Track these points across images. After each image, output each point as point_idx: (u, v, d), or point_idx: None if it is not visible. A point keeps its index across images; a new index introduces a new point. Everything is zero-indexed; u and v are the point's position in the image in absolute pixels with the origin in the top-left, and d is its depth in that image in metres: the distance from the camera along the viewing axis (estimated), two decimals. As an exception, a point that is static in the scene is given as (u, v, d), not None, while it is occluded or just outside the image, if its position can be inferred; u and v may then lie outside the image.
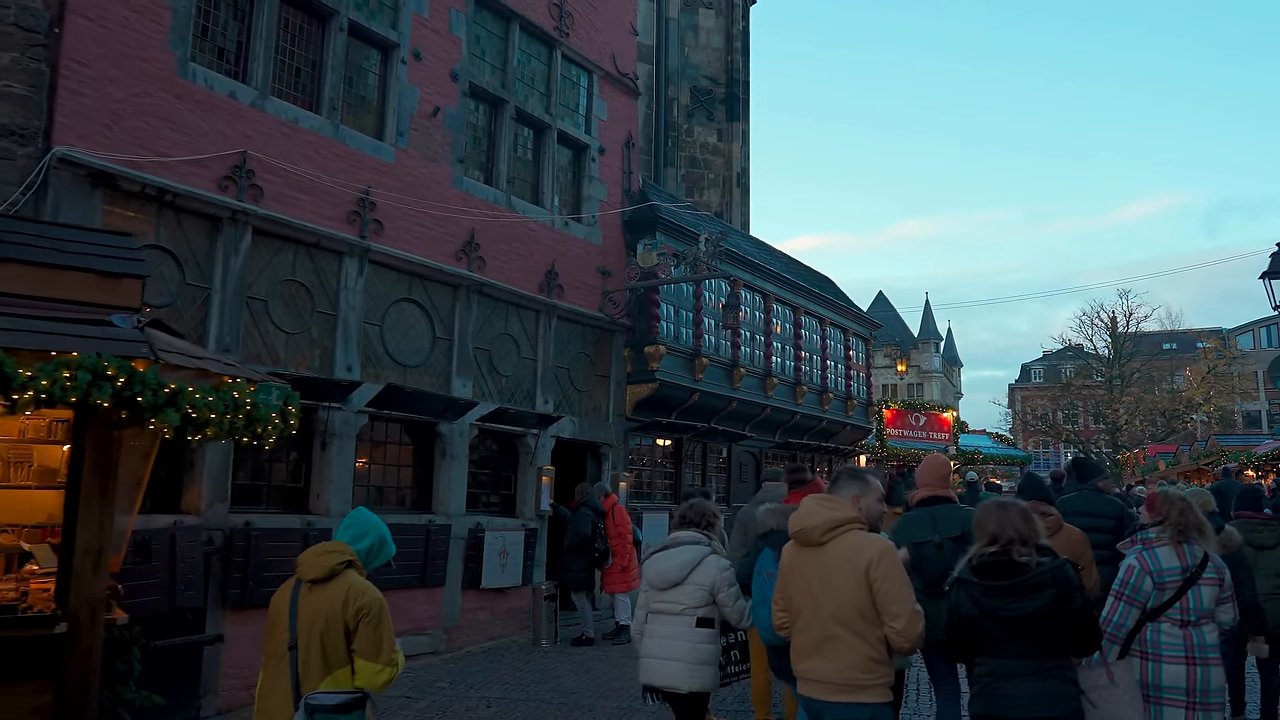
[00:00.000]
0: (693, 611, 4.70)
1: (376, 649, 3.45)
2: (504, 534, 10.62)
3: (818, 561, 3.69)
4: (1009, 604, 3.55)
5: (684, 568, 4.73)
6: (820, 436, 17.46)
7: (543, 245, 11.53)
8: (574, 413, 12.00)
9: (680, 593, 4.69)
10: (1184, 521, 4.51)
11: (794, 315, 16.50)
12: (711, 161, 19.85)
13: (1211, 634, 4.37)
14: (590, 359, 12.35)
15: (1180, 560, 4.41)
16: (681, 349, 13.16)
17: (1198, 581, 4.37)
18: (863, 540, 3.66)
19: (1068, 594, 3.54)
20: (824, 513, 3.74)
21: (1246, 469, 26.81)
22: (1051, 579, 3.56)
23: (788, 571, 3.86)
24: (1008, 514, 3.72)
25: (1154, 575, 4.40)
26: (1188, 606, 4.33)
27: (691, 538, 4.89)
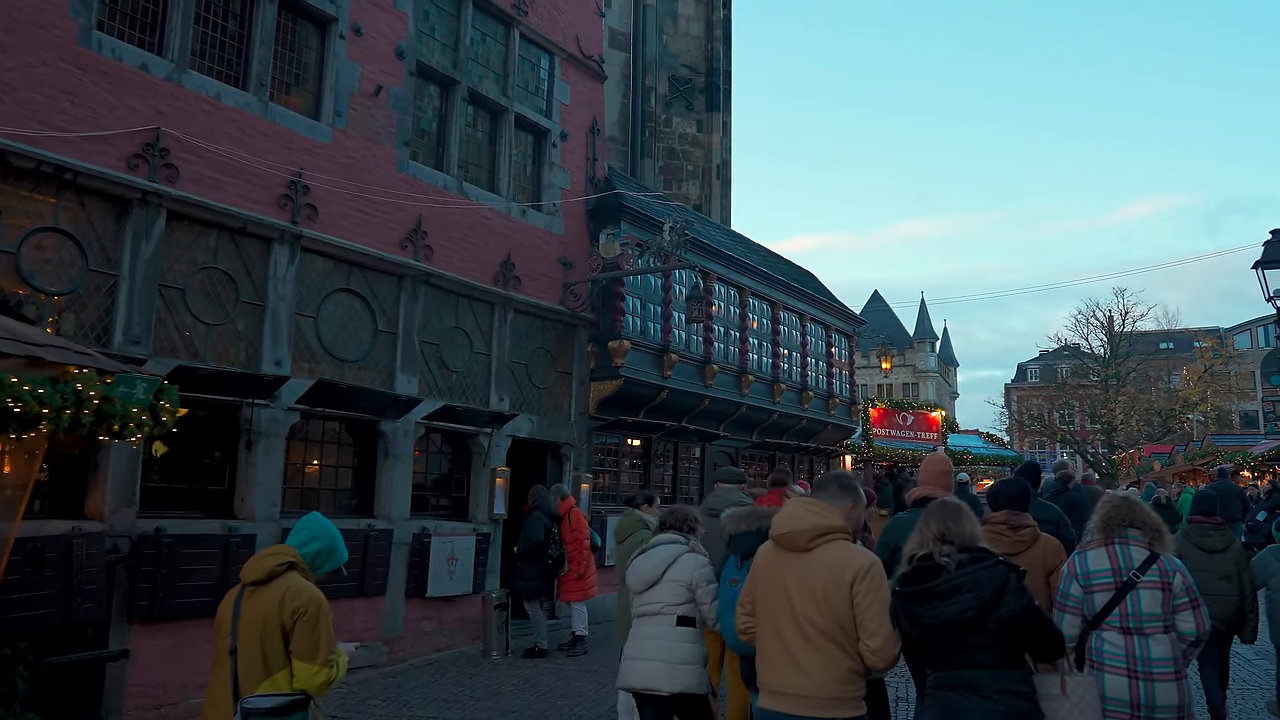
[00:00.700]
0: (672, 610, 4.59)
1: (313, 650, 3.39)
2: (453, 539, 10.03)
3: (798, 568, 3.49)
4: (927, 609, 3.32)
5: (660, 565, 4.65)
6: (800, 436, 16.87)
7: (498, 234, 10.94)
8: (532, 411, 11.41)
9: (658, 591, 4.61)
10: (1110, 519, 4.25)
11: (772, 310, 15.91)
12: (691, 153, 19.26)
13: (1160, 645, 4.02)
14: (550, 355, 11.76)
15: (1111, 562, 4.15)
16: (649, 344, 12.57)
17: (1137, 585, 4.06)
18: (849, 552, 3.48)
19: (994, 599, 3.24)
20: (812, 518, 3.54)
21: (1242, 469, 26.36)
22: (971, 581, 3.27)
23: (761, 574, 3.67)
24: (933, 513, 3.53)
25: (1080, 579, 4.19)
26: (1126, 612, 4.05)
27: (669, 539, 4.83)
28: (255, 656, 3.40)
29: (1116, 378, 44.75)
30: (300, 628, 3.39)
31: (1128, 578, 4.08)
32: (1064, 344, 48.64)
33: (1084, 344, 47.42)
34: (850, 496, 3.70)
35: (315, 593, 3.49)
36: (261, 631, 3.39)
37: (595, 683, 8.52)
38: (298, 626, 3.39)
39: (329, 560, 3.69)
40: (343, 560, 3.79)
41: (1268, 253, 9.52)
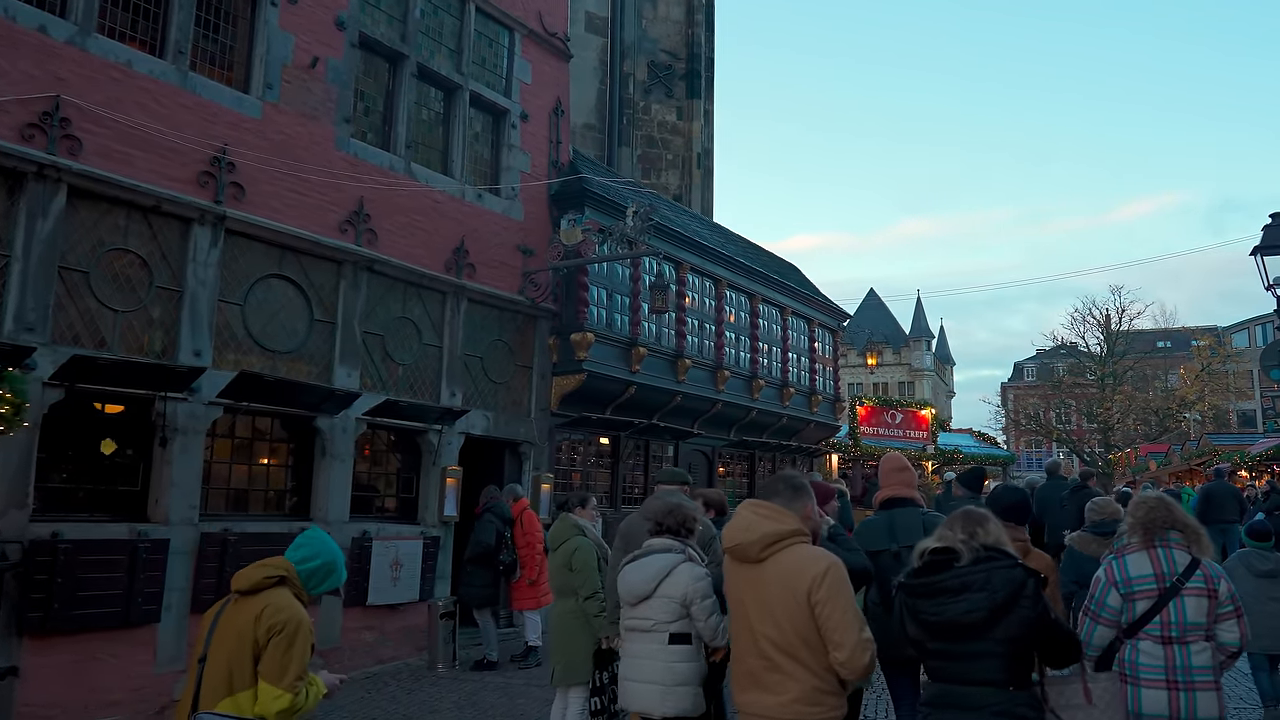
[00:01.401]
0: (664, 627, 4.19)
1: (281, 672, 3.17)
2: (397, 543, 9.40)
3: (754, 580, 3.25)
4: (932, 605, 3.03)
5: (652, 579, 4.23)
6: (782, 434, 16.24)
7: (450, 219, 10.30)
8: (488, 407, 10.77)
9: (650, 607, 4.23)
10: (1151, 521, 3.96)
11: (750, 303, 15.27)
12: (670, 141, 18.63)
13: (1201, 654, 3.77)
14: (509, 347, 11.12)
15: (1154, 567, 3.87)
16: (616, 337, 11.94)
17: (1180, 591, 3.80)
18: (805, 556, 3.19)
19: (1006, 603, 2.92)
20: (762, 525, 3.26)
21: (1240, 469, 25.76)
22: (985, 580, 2.97)
23: (727, 585, 3.48)
24: (959, 518, 3.21)
25: (1120, 586, 3.90)
26: (1168, 620, 3.78)
27: (664, 545, 4.38)
28: (221, 670, 3.21)
29: (1113, 376, 44.29)
30: (272, 646, 3.18)
31: (1171, 584, 3.80)
32: (1061, 342, 48.09)
33: (1081, 343, 46.94)
34: (804, 497, 3.41)
35: (298, 612, 3.28)
36: (233, 645, 3.22)
37: (543, 699, 7.86)
38: (271, 643, 3.19)
39: (327, 580, 3.51)
40: (341, 581, 3.59)
41: (1267, 238, 8.90)
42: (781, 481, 3.50)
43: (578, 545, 6.12)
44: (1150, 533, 3.95)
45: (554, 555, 6.35)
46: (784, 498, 3.38)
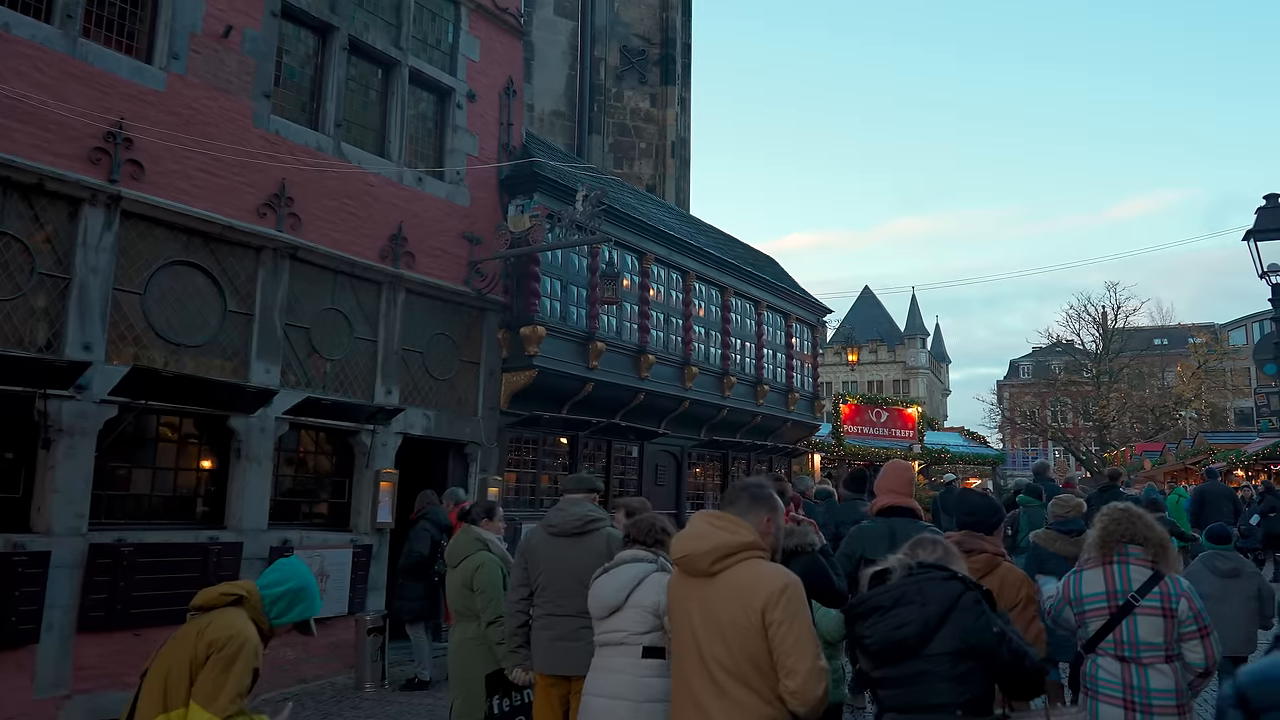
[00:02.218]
0: (636, 639, 3.90)
1: (214, 693, 2.90)
2: (324, 552, 8.71)
3: (704, 596, 2.96)
4: (867, 626, 2.87)
5: (623, 588, 3.98)
6: (757, 434, 15.54)
7: (386, 204, 9.61)
8: (429, 405, 10.07)
9: (621, 618, 3.96)
10: (1109, 534, 3.78)
11: (722, 296, 14.58)
12: (643, 129, 17.93)
13: (1161, 677, 3.61)
14: (453, 341, 10.42)
15: (1106, 583, 3.73)
16: (571, 331, 11.24)
17: (1134, 609, 3.64)
18: (761, 573, 2.89)
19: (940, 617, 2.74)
20: (716, 536, 2.97)
21: (1236, 469, 25.11)
22: (916, 592, 2.82)
23: (672, 604, 3.17)
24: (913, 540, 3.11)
25: (1073, 605, 3.79)
26: (1121, 639, 3.65)
27: (635, 556, 4.13)
28: (157, 686, 2.97)
29: (1109, 374, 43.75)
30: (210, 664, 2.93)
31: (1124, 601, 3.66)
32: (1056, 340, 47.52)
33: (1076, 340, 46.39)
34: (765, 508, 3.09)
35: (243, 632, 3.02)
36: (173, 661, 2.99)
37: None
38: (209, 662, 2.94)
39: (296, 608, 3.25)
40: (314, 611, 3.34)
41: (1261, 221, 8.22)
42: (744, 491, 3.17)
43: (481, 562, 5.46)
44: (1107, 547, 3.77)
45: (453, 573, 5.62)
46: (740, 506, 3.08)
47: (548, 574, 4.85)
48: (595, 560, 4.80)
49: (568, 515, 4.96)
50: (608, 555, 4.79)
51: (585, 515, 4.94)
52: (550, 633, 4.80)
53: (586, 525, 4.90)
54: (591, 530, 4.88)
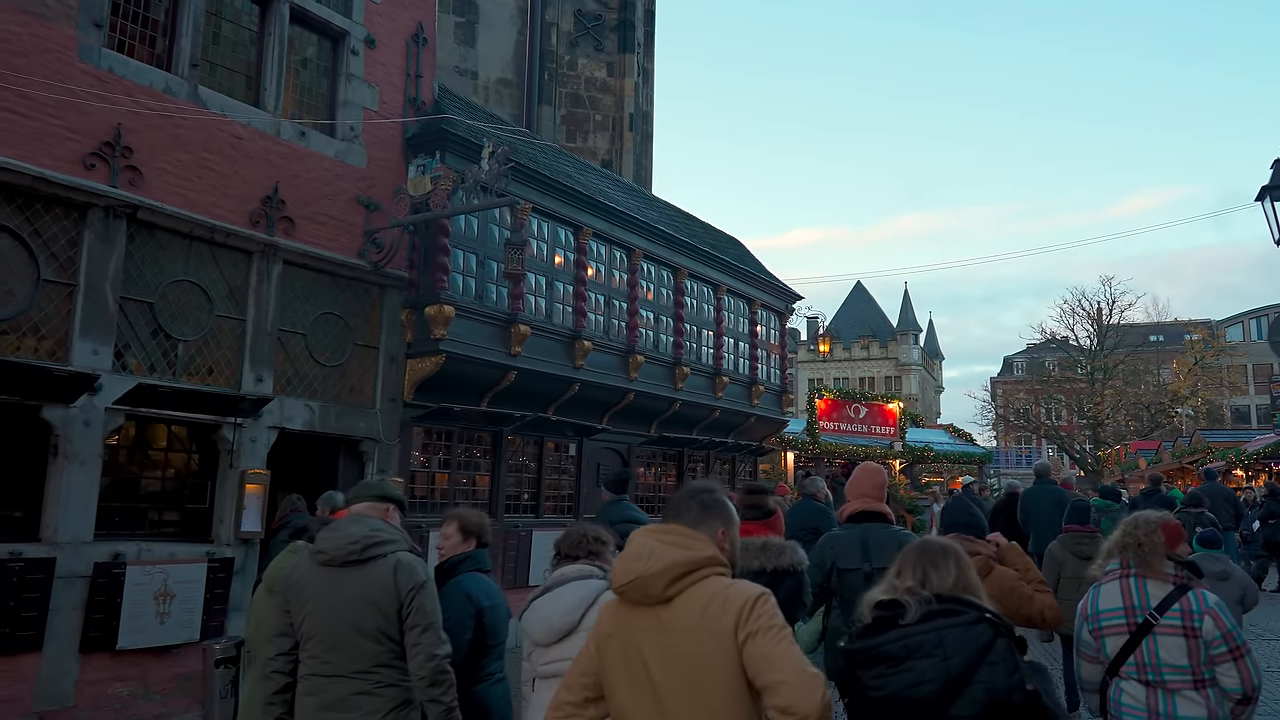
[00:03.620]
0: None
1: None
2: (168, 568, 7.36)
3: (658, 628, 2.30)
4: (873, 677, 2.43)
5: (573, 610, 3.47)
6: (716, 430, 14.19)
7: (258, 160, 8.25)
8: (313, 395, 8.72)
9: (574, 644, 3.32)
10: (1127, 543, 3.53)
11: (675, 278, 13.23)
12: (599, 100, 16.57)
13: (1190, 704, 3.25)
14: (344, 322, 9.06)
15: (1124, 600, 3.44)
16: (489, 313, 9.89)
17: (1153, 628, 3.33)
18: (726, 590, 2.29)
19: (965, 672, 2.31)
20: (669, 553, 2.35)
21: (1234, 468, 23.89)
22: (936, 642, 2.37)
23: (608, 648, 2.39)
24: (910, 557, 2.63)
25: (1089, 620, 3.54)
26: (1143, 661, 3.35)
27: (580, 572, 3.61)
28: None
29: (1104, 371, 42.73)
30: None
31: (1143, 619, 3.40)
32: (1051, 336, 46.49)
33: (1071, 335, 45.37)
34: (719, 517, 2.52)
35: None
36: None
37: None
38: None
39: None
40: None
41: (1277, 177, 6.89)
42: (691, 498, 2.58)
43: None
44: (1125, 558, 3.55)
45: (268, 600, 4.43)
46: (690, 517, 2.51)
47: (314, 618, 3.52)
48: (381, 598, 3.51)
49: (342, 537, 3.60)
50: (395, 593, 3.47)
51: (368, 536, 3.58)
52: (314, 699, 3.49)
53: (368, 550, 3.56)
54: (375, 557, 3.55)
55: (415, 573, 3.56)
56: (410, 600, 3.49)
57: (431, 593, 3.62)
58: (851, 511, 4.62)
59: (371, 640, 3.48)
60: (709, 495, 2.55)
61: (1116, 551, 3.58)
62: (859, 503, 4.62)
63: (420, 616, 3.50)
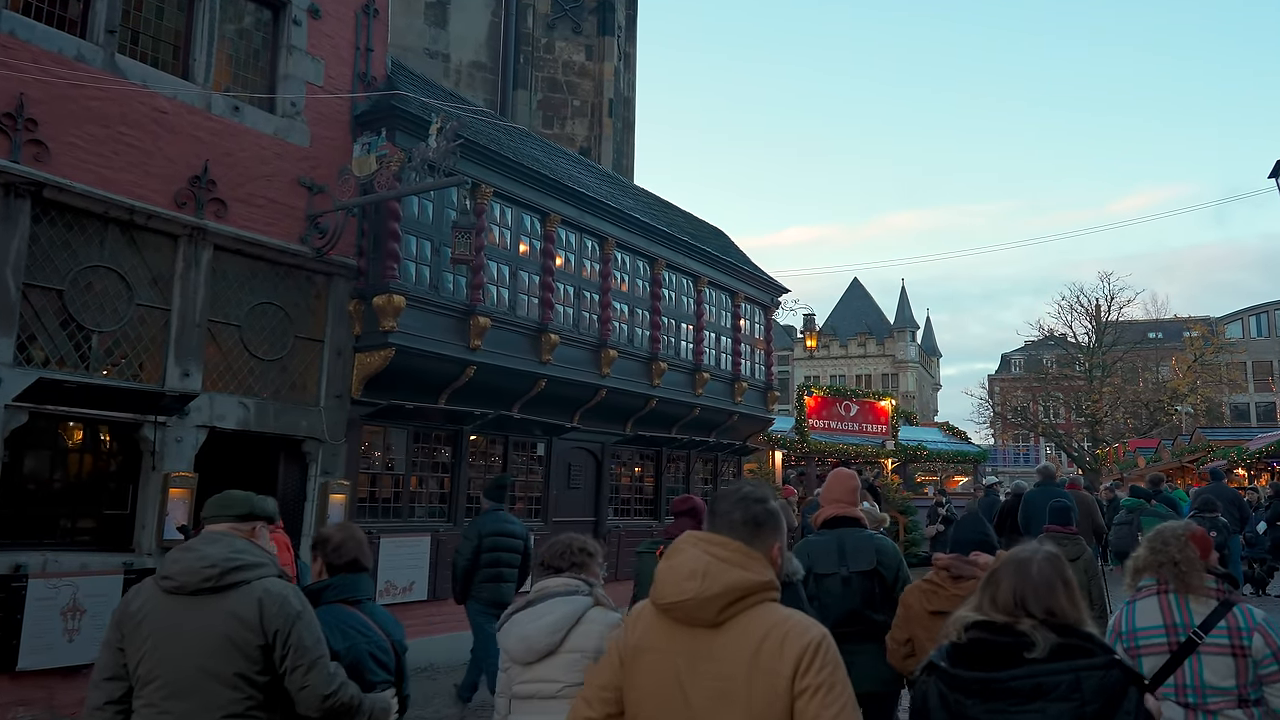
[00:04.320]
0: (574, 691, 2.84)
1: None
2: (78, 580, 6.72)
3: (700, 654, 2.08)
4: (989, 711, 2.21)
5: (557, 629, 3.23)
6: (696, 429, 13.55)
7: (185, 137, 7.61)
8: (250, 392, 8.08)
9: (555, 666, 3.21)
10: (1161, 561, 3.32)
11: (651, 269, 12.59)
12: (578, 85, 15.91)
13: None
14: (285, 313, 8.42)
15: (1164, 617, 3.25)
16: (445, 303, 9.26)
17: (1197, 647, 3.13)
18: (784, 622, 2.06)
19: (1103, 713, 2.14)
20: (727, 573, 2.08)
21: (1236, 467, 23.30)
22: (1071, 684, 2.15)
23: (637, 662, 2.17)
24: (1012, 568, 2.35)
25: (1123, 638, 3.32)
26: (1183, 683, 3.15)
27: (565, 586, 3.34)
28: None
29: (1102, 368, 42.19)
30: None
31: (1185, 637, 3.17)
32: (1048, 333, 45.97)
33: (1069, 333, 44.86)
34: (773, 532, 2.22)
35: None
36: None
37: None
38: None
39: None
40: None
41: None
42: (739, 504, 2.21)
43: None
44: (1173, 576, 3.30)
45: None
46: (740, 528, 2.17)
47: (154, 658, 2.88)
48: (240, 635, 2.88)
49: (196, 559, 2.96)
50: (260, 629, 2.89)
51: (228, 559, 2.95)
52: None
53: (228, 575, 2.93)
54: (236, 584, 2.92)
55: (287, 604, 2.93)
56: (284, 638, 2.88)
57: (310, 623, 2.99)
58: (826, 517, 4.61)
59: (227, 686, 2.85)
60: (761, 507, 2.24)
61: (1151, 570, 3.36)
62: (833, 508, 4.61)
63: (300, 655, 2.90)
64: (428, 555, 9.41)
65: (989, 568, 3.89)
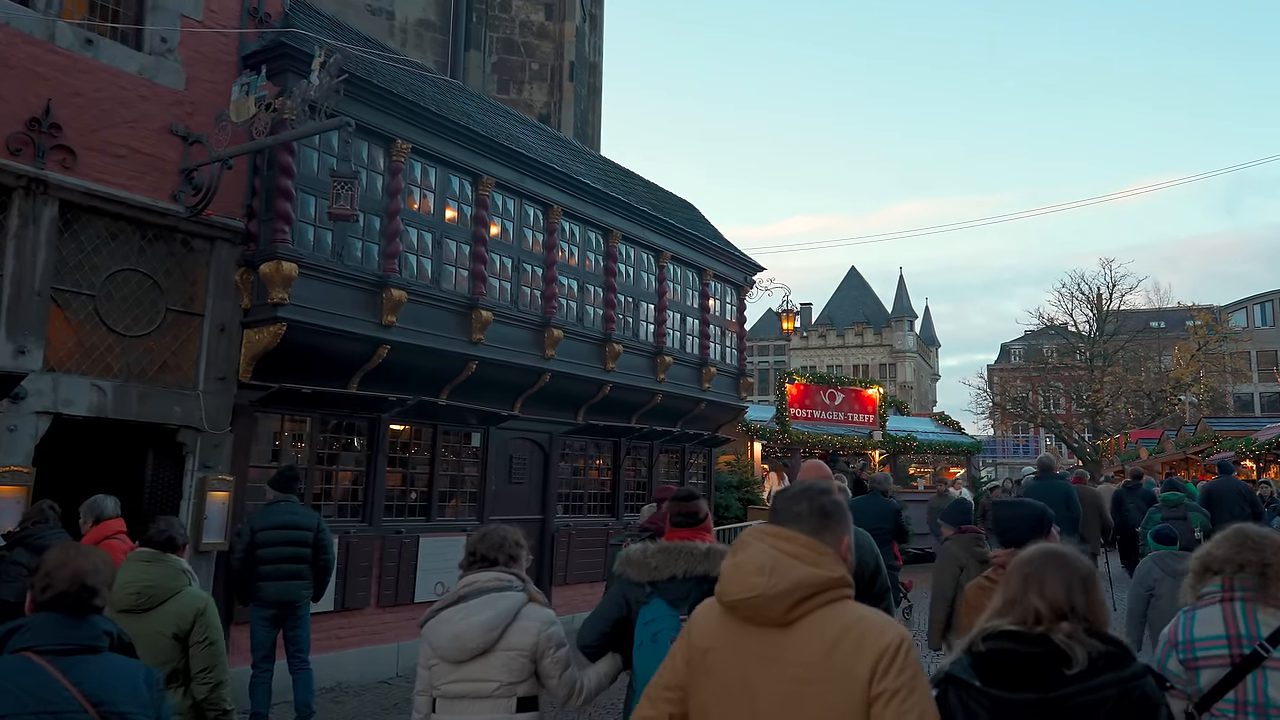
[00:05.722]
0: (510, 690, 3.16)
1: None
2: None
3: (769, 656, 1.98)
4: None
5: (493, 626, 3.14)
6: (659, 417, 12.41)
7: (19, 71, 6.45)
8: (108, 373, 6.94)
9: (491, 664, 3.16)
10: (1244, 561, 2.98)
11: (606, 242, 11.43)
12: (536, 47, 14.73)
13: None
14: (153, 282, 7.27)
15: (1228, 627, 2.94)
16: (352, 274, 8.13)
17: (1264, 663, 2.83)
18: (861, 622, 1.97)
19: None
20: (796, 568, 2.00)
21: (1244, 459, 22.16)
22: (1119, 698, 2.05)
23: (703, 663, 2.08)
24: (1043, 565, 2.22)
25: (1180, 648, 3.03)
26: (1244, 699, 2.87)
27: (497, 582, 3.25)
28: None
29: (1103, 357, 41.18)
30: None
31: (1250, 650, 2.87)
32: (1049, 321, 44.97)
33: (1070, 321, 43.87)
34: (841, 524, 2.12)
35: None
36: None
37: None
38: None
39: None
40: None
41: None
42: (804, 498, 2.13)
43: (205, 605, 3.86)
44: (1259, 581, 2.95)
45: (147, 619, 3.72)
46: (808, 521, 2.08)
47: None
48: None
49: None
50: None
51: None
52: None
53: None
54: None
55: None
56: None
57: None
58: None
59: None
60: (828, 498, 2.13)
61: (1230, 571, 3.03)
62: None
63: None
64: (335, 560, 8.28)
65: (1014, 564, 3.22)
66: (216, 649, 3.79)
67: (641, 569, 3.35)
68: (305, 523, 6.67)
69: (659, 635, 3.17)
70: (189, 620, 3.75)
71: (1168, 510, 10.30)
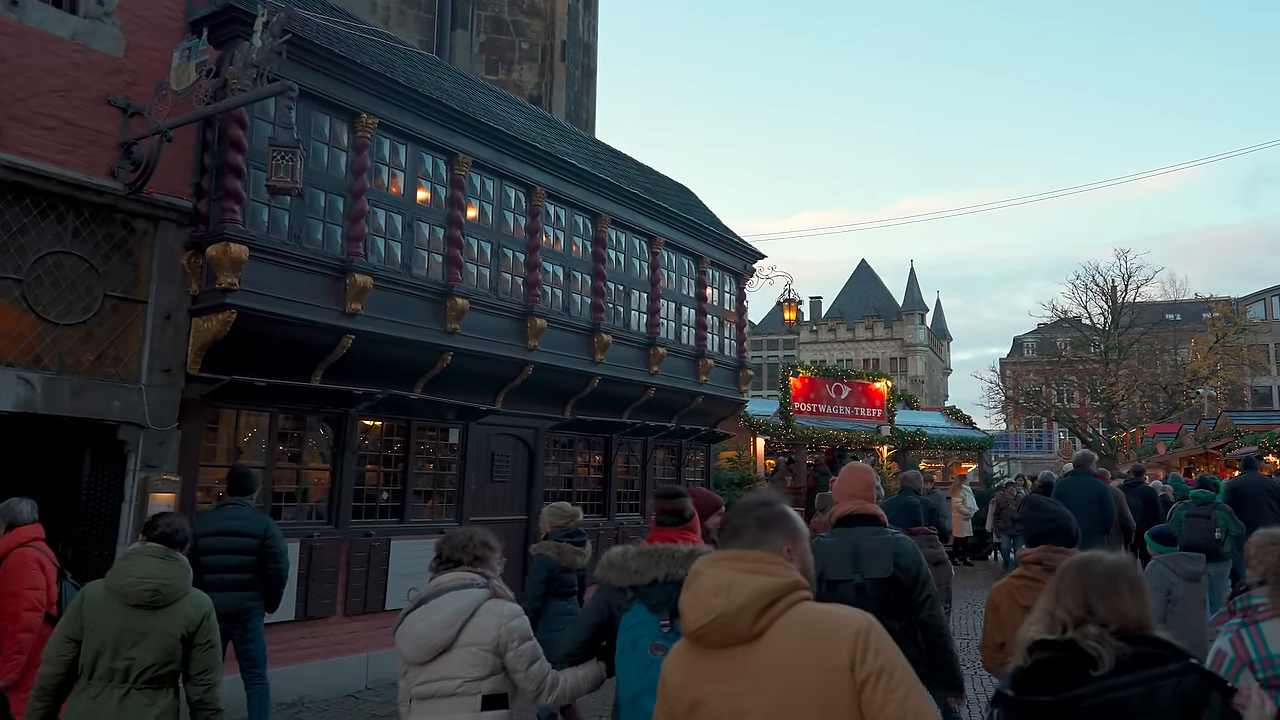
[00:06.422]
0: (473, 687, 3.13)
1: None
2: None
3: (737, 674, 1.98)
4: None
5: (451, 623, 3.16)
6: (652, 412, 11.79)
7: (-67, 33, 5.89)
8: (37, 365, 6.38)
9: (452, 662, 3.15)
10: None
11: (594, 226, 10.81)
12: (526, 26, 14.10)
13: None
14: (89, 266, 6.70)
15: None
16: (312, 258, 7.55)
17: None
18: (826, 615, 2.00)
19: None
20: (750, 581, 2.03)
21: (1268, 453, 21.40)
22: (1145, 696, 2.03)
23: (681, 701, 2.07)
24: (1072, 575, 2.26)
25: (1258, 668, 2.90)
26: None
27: (460, 580, 3.28)
28: None
29: (1118, 350, 40.35)
30: None
31: None
32: (1062, 313, 44.19)
33: (1084, 314, 43.08)
34: (782, 533, 2.14)
35: None
36: None
37: None
38: None
39: None
40: None
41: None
42: (746, 514, 2.18)
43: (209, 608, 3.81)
44: None
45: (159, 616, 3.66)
46: (748, 535, 2.11)
47: None
48: None
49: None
50: None
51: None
52: None
53: None
54: None
55: None
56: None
57: None
58: (840, 514, 4.25)
59: None
60: (766, 509, 2.19)
61: None
62: (849, 504, 4.24)
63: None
64: (296, 566, 7.71)
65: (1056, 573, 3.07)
66: (216, 651, 3.85)
67: (621, 573, 3.22)
68: (250, 529, 6.09)
69: (639, 642, 3.08)
70: (196, 622, 3.74)
71: (1195, 507, 9.78)
